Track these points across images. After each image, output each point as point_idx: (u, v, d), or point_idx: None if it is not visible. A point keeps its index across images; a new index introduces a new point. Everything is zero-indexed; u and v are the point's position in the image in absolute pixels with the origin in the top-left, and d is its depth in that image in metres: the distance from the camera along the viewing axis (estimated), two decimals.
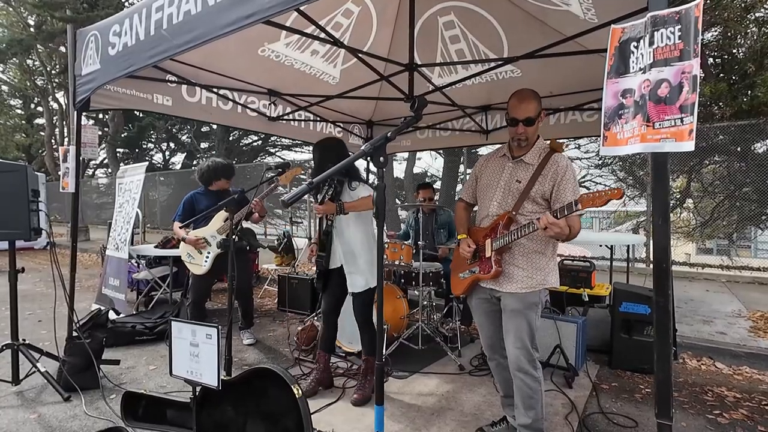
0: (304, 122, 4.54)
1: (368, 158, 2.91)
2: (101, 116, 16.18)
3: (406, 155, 12.38)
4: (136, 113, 16.57)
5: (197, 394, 2.08)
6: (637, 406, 2.88)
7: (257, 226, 4.68)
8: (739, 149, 6.69)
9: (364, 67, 3.13)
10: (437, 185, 11.63)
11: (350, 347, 3.60)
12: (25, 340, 3.09)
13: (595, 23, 2.37)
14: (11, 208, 2.82)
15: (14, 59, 16.30)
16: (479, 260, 2.22)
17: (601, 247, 5.13)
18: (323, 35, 2.70)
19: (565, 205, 1.86)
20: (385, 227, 4.73)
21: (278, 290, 5.42)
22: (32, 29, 14.77)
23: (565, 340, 3.32)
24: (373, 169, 5.15)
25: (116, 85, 3.00)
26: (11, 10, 15.35)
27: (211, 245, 3.63)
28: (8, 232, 2.86)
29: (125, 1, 12.47)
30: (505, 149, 2.27)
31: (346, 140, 5.03)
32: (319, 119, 4.59)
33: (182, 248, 3.74)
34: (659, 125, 1.21)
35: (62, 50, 14.35)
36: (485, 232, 2.21)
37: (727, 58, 7.04)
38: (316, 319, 4.15)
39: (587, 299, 3.95)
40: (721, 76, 6.89)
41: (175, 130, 19.53)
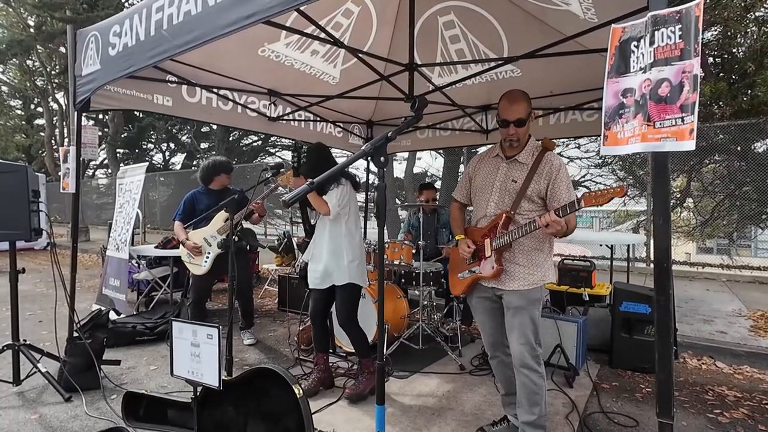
0: (304, 122, 4.55)
1: (369, 158, 2.91)
2: (101, 117, 16.19)
3: (406, 155, 12.36)
4: (136, 114, 16.56)
5: (198, 394, 2.09)
6: (637, 405, 2.88)
7: (257, 226, 4.69)
8: (739, 148, 6.69)
9: (364, 67, 3.13)
10: (437, 185, 11.63)
11: (350, 347, 3.60)
12: (25, 340, 3.09)
13: (594, 23, 2.37)
14: (12, 208, 2.82)
15: (14, 60, 16.27)
16: (479, 260, 2.23)
17: (601, 246, 5.12)
18: (323, 35, 2.70)
19: (568, 203, 1.89)
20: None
21: (278, 290, 5.43)
22: (32, 30, 14.74)
23: (565, 339, 3.32)
24: (373, 169, 5.15)
25: (116, 85, 3.00)
26: (11, 10, 15.34)
27: (211, 245, 3.63)
28: (9, 232, 2.86)
29: (125, 1, 12.47)
30: (497, 149, 2.28)
31: (346, 140, 5.04)
32: (319, 119, 4.59)
33: (182, 248, 3.75)
34: (660, 125, 1.21)
35: (62, 51, 14.35)
36: (483, 231, 2.21)
37: (727, 57, 7.03)
38: None
39: (588, 299, 3.96)
40: (721, 75, 6.89)
41: (175, 130, 19.51)
